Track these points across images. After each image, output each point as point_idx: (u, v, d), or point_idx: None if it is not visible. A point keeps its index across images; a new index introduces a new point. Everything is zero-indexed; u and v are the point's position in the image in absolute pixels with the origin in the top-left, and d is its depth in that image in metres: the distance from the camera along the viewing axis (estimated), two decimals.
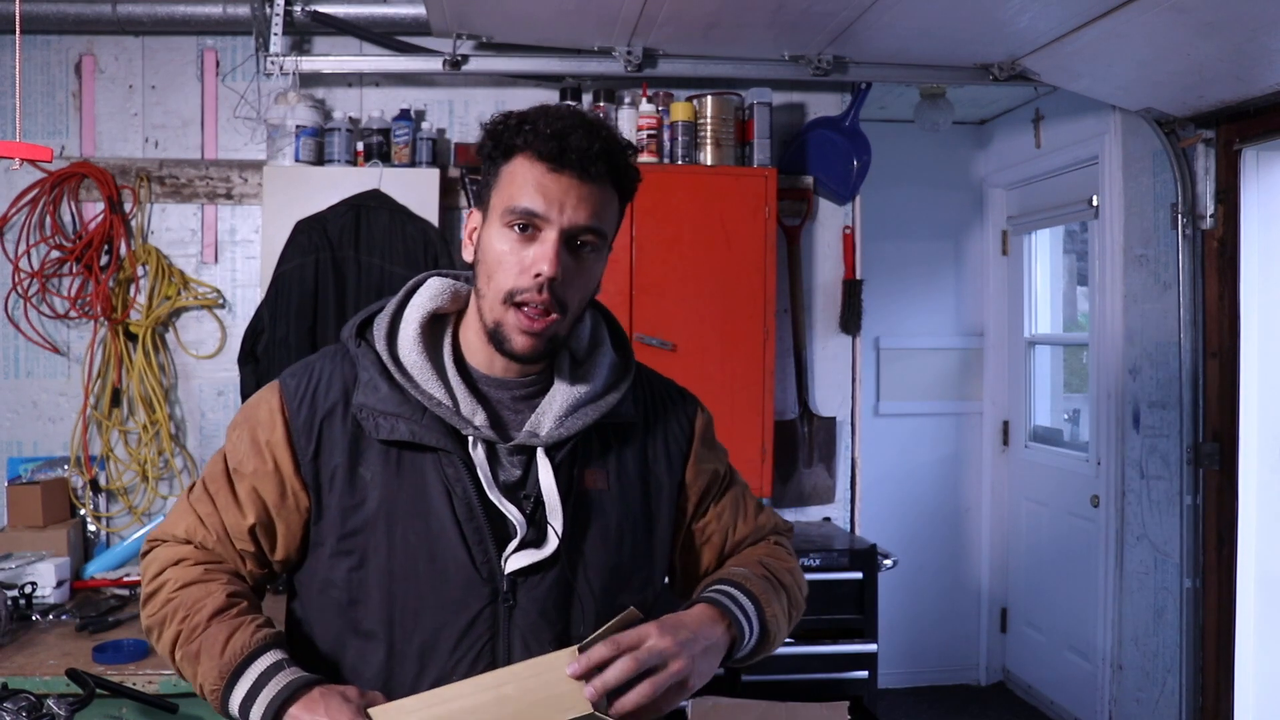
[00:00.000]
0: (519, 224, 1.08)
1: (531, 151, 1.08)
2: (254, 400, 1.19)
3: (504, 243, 1.09)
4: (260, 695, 1.04)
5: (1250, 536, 2.84)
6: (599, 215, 1.10)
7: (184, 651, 1.10)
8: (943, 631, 4.43)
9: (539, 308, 1.08)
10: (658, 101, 3.02)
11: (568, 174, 1.07)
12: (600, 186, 1.10)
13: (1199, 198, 2.92)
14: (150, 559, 1.19)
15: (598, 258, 1.13)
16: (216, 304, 3.02)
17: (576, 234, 1.09)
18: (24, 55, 2.96)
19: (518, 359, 1.13)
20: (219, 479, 1.17)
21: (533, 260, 1.07)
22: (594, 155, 1.07)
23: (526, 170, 1.08)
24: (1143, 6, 2.27)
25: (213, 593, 1.11)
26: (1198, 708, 2.96)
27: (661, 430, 1.25)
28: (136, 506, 2.97)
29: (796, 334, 3.25)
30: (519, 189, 1.08)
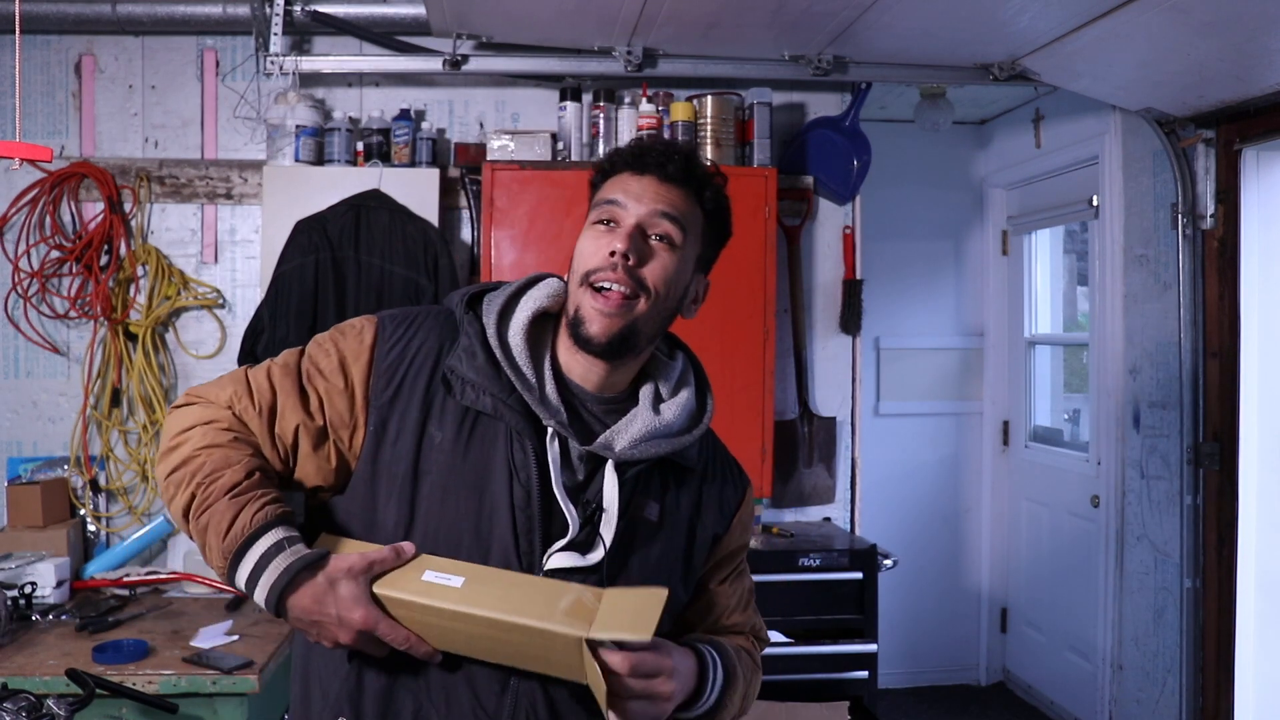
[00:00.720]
0: (602, 218, 1.16)
1: (620, 168, 1.20)
2: (347, 325, 1.20)
3: (589, 236, 1.17)
4: (261, 579, 1.03)
5: (1250, 536, 2.84)
6: (677, 209, 1.16)
7: (195, 523, 1.08)
8: (943, 631, 4.43)
9: (615, 287, 1.13)
10: (658, 101, 3.02)
11: (648, 175, 1.17)
12: (679, 188, 1.17)
13: (1199, 198, 2.92)
14: (180, 413, 1.15)
15: (675, 255, 1.17)
16: (216, 304, 3.02)
17: (650, 222, 1.15)
18: (24, 55, 2.96)
19: (594, 345, 1.15)
20: (290, 368, 1.16)
21: (608, 242, 1.14)
22: (670, 155, 1.17)
23: (615, 179, 1.19)
24: (1143, 6, 2.27)
25: (233, 464, 1.08)
26: (1198, 708, 2.96)
27: (716, 488, 1.28)
28: (136, 506, 2.97)
29: (796, 334, 3.25)
30: (604, 192, 1.19)
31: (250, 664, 2.15)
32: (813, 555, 2.83)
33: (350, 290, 2.76)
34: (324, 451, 1.15)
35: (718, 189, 1.21)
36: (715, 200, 1.21)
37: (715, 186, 1.21)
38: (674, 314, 1.21)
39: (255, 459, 1.11)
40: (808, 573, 2.82)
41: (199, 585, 2.72)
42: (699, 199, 1.19)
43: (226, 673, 2.11)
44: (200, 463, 1.09)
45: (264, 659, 2.18)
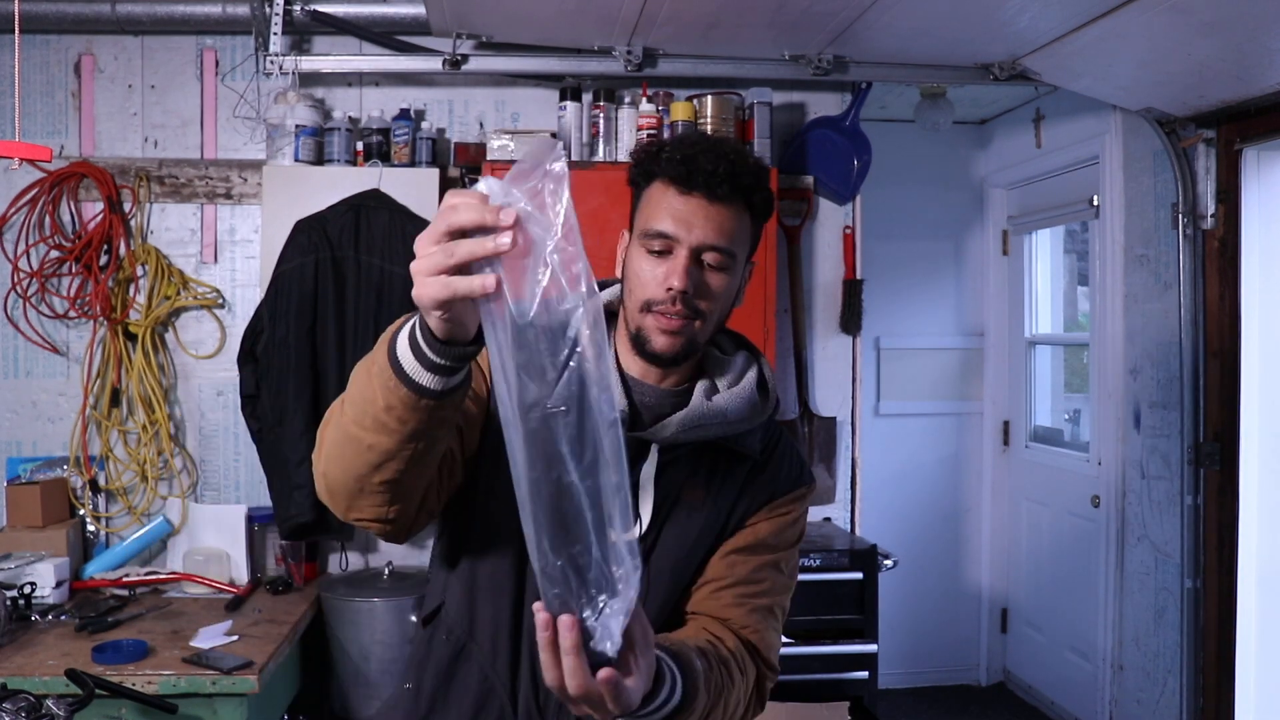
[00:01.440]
0: (655, 247, 1.17)
1: (665, 176, 1.17)
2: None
3: (642, 261, 1.18)
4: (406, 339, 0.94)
5: (1251, 536, 2.84)
6: (726, 234, 1.17)
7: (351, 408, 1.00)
8: (943, 632, 4.43)
9: (673, 316, 1.16)
10: (658, 101, 3.02)
11: (696, 195, 1.15)
12: (728, 206, 1.17)
13: (1200, 197, 2.92)
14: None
15: (727, 274, 1.18)
16: (216, 304, 3.02)
17: (703, 251, 1.16)
18: (23, 55, 2.95)
19: (659, 359, 1.19)
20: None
21: (665, 276, 1.16)
22: (720, 177, 1.15)
23: (661, 194, 1.18)
24: (1143, 6, 2.27)
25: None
26: (1198, 708, 2.95)
27: (768, 477, 1.29)
28: (136, 507, 2.97)
29: (796, 334, 3.25)
30: (654, 212, 1.18)
31: (250, 664, 2.15)
32: (813, 555, 2.82)
33: (350, 290, 2.76)
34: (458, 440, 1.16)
35: (764, 188, 1.21)
36: (764, 201, 1.21)
37: (762, 187, 1.20)
38: (729, 314, 1.25)
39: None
40: (808, 573, 2.81)
41: (199, 585, 2.72)
42: (749, 207, 1.20)
43: (226, 673, 2.11)
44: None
45: (264, 659, 2.18)
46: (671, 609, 1.24)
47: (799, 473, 1.33)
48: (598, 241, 2.82)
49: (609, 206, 2.83)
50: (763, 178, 1.20)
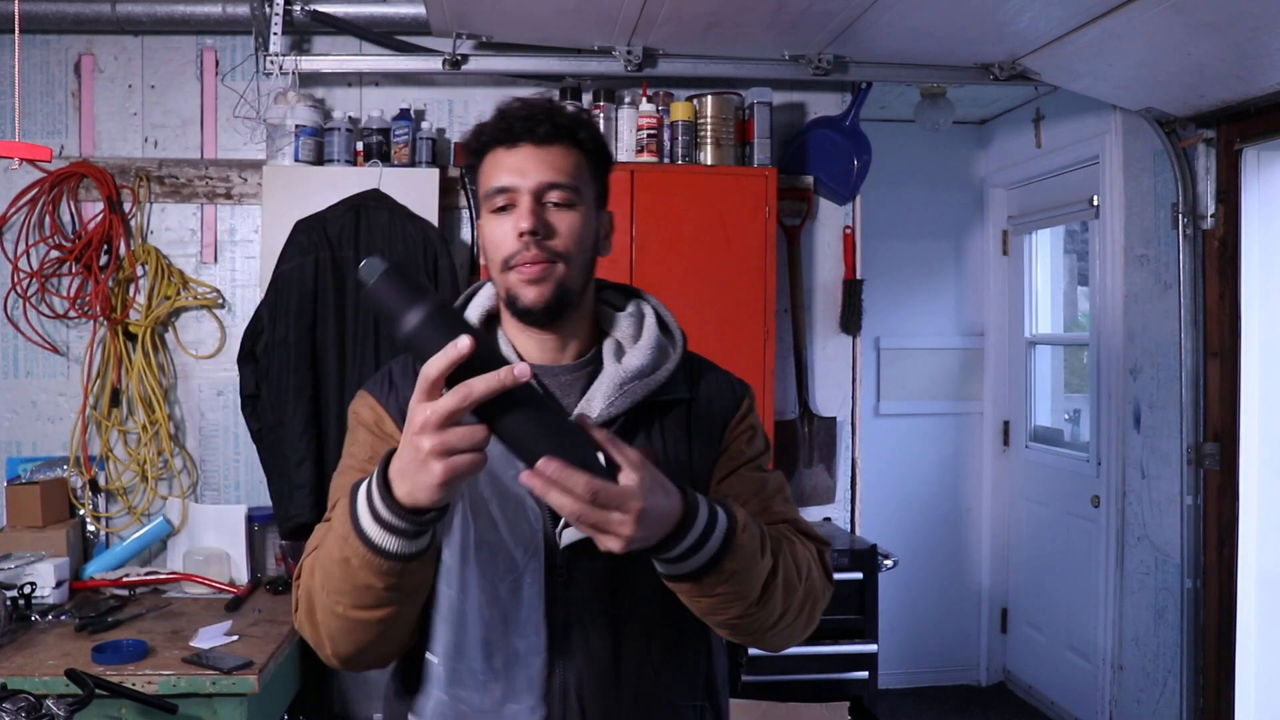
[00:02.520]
0: (499, 204, 1.17)
1: (493, 143, 1.19)
2: (351, 408, 1.25)
3: (491, 225, 1.18)
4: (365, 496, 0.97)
5: (1251, 537, 2.84)
6: (562, 171, 1.17)
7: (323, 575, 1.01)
8: (943, 632, 4.43)
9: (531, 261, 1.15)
10: (658, 101, 3.02)
11: (522, 145, 1.16)
12: (557, 146, 1.17)
13: (1200, 197, 2.92)
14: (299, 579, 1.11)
15: (574, 210, 1.18)
16: (216, 304, 3.02)
17: (544, 191, 1.16)
18: (23, 55, 2.95)
19: (532, 313, 1.17)
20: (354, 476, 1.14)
21: (514, 224, 1.15)
22: (537, 119, 1.16)
23: (493, 159, 1.18)
24: (1143, 6, 2.27)
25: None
26: (1198, 708, 2.95)
27: (706, 403, 1.27)
28: (136, 507, 2.97)
29: (796, 334, 3.25)
30: (489, 175, 1.18)
31: (250, 664, 2.15)
32: None
33: (350, 290, 2.76)
34: None
35: (589, 126, 1.21)
36: (592, 139, 1.21)
37: (586, 125, 1.21)
38: (593, 260, 1.23)
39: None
40: None
41: (198, 585, 2.72)
42: (577, 145, 1.19)
43: (226, 673, 2.11)
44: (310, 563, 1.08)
45: (263, 659, 2.18)
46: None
47: (733, 390, 1.31)
48: None
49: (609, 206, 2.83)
50: (583, 118, 1.20)
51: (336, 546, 0.98)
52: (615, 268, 2.81)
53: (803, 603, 1.14)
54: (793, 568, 1.11)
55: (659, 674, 1.17)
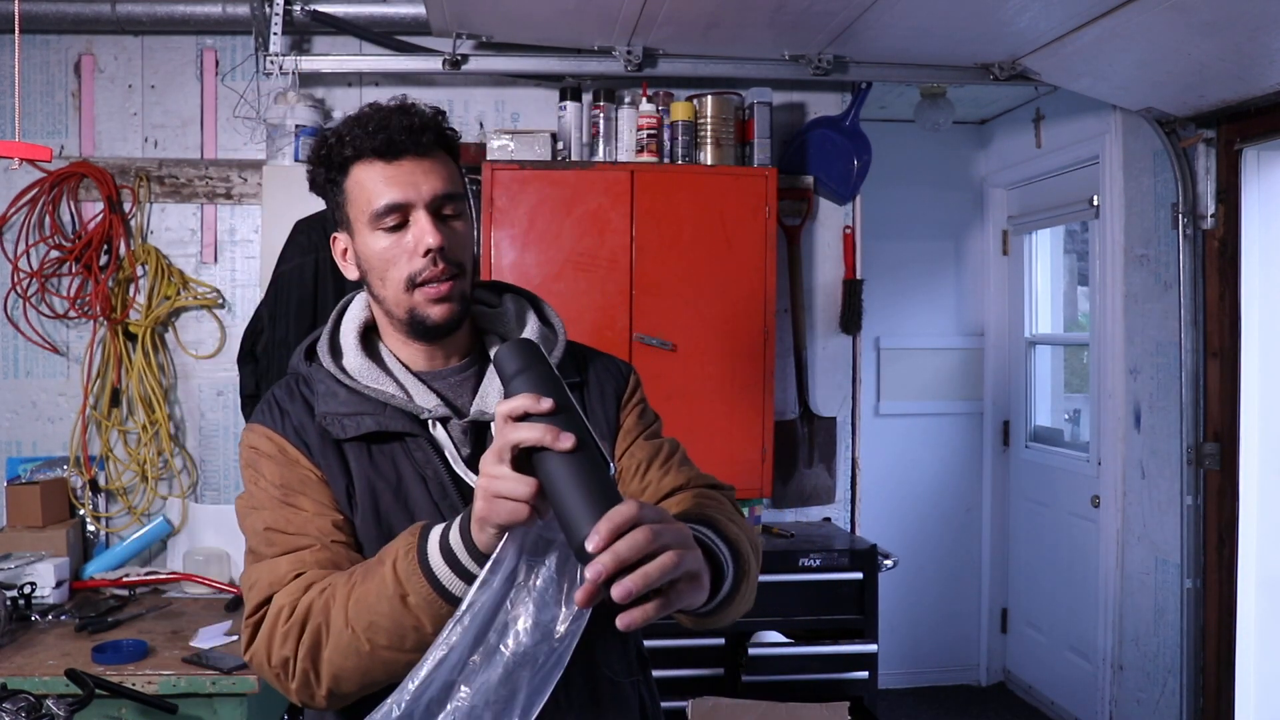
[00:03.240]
0: (390, 223, 1.14)
1: (364, 156, 1.14)
2: (245, 444, 1.21)
3: (382, 242, 1.15)
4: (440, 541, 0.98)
5: (1251, 537, 2.84)
6: (450, 180, 1.17)
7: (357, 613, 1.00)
8: (943, 632, 4.43)
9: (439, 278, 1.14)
10: (658, 101, 3.02)
11: (406, 158, 1.14)
12: (436, 155, 1.16)
13: (1200, 197, 2.92)
14: (266, 625, 1.08)
15: (465, 220, 1.19)
16: (216, 304, 3.02)
17: (439, 204, 1.15)
18: (23, 55, 2.95)
19: (439, 329, 1.18)
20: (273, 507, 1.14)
21: (415, 242, 1.14)
22: (419, 130, 1.14)
23: (368, 173, 1.14)
24: (1143, 6, 2.27)
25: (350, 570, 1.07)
26: (1198, 708, 2.95)
27: (598, 386, 1.29)
28: (136, 507, 2.97)
29: (796, 334, 3.25)
30: (373, 192, 1.14)
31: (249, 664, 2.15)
32: (813, 555, 2.82)
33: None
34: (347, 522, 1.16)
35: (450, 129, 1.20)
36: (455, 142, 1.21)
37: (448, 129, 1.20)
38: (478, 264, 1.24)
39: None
40: (808, 573, 2.82)
41: (198, 585, 2.72)
42: (450, 152, 1.19)
43: (226, 673, 2.11)
44: (330, 591, 1.05)
45: None
46: None
47: (620, 371, 1.33)
48: (597, 242, 2.83)
49: (609, 206, 2.83)
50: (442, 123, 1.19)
51: (393, 584, 0.98)
52: (615, 268, 2.81)
53: (755, 578, 1.15)
54: (748, 528, 1.15)
55: (598, 656, 1.19)
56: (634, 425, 1.29)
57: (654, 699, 1.29)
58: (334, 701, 1.07)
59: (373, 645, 1.00)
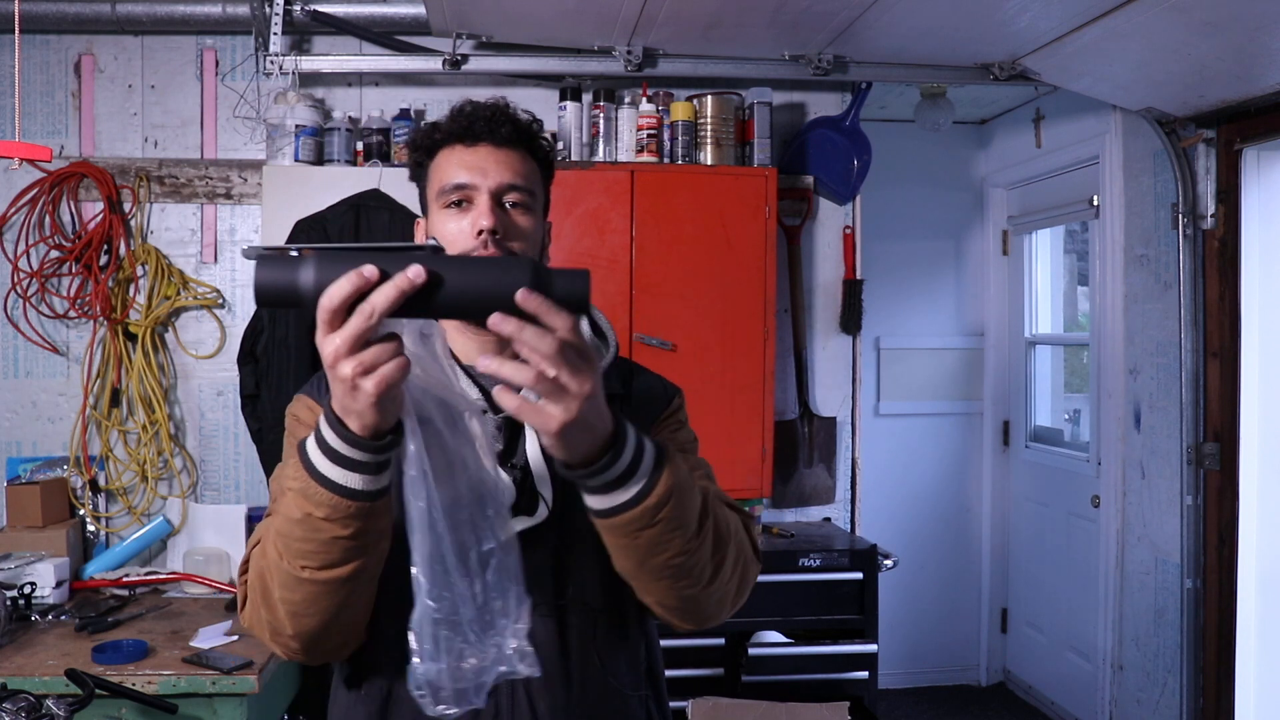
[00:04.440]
0: (453, 200, 1.17)
1: (449, 141, 1.19)
2: (289, 412, 1.23)
3: (445, 221, 1.18)
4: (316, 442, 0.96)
5: (1251, 537, 2.84)
6: (521, 174, 1.18)
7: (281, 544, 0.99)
8: (943, 632, 4.43)
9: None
10: (658, 101, 3.02)
11: (483, 145, 1.17)
12: (515, 151, 1.18)
13: (1200, 197, 2.92)
14: (244, 585, 1.11)
15: (531, 216, 1.19)
16: (216, 304, 3.02)
17: (503, 192, 1.16)
18: (23, 55, 2.95)
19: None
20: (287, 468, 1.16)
21: (472, 222, 1.15)
22: (499, 121, 1.17)
23: (449, 156, 1.19)
24: (1143, 6, 2.27)
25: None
26: (1198, 708, 2.95)
27: (640, 403, 1.28)
28: (136, 507, 2.97)
29: (796, 334, 3.25)
30: (445, 172, 1.18)
31: (250, 664, 2.15)
32: (813, 555, 2.82)
33: None
34: None
35: (541, 135, 1.23)
36: (545, 147, 1.23)
37: (539, 135, 1.23)
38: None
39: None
40: (808, 573, 2.82)
41: (198, 585, 2.72)
42: (532, 151, 1.21)
43: (226, 673, 2.11)
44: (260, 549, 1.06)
45: (263, 659, 2.18)
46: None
47: (664, 390, 1.31)
48: (597, 242, 2.83)
49: (609, 206, 2.83)
50: (534, 128, 1.22)
51: (296, 506, 0.96)
52: (615, 268, 2.81)
53: (736, 559, 1.10)
54: (721, 516, 1.10)
55: (604, 663, 1.18)
56: (664, 440, 1.26)
57: (664, 716, 1.28)
58: (311, 647, 1.06)
59: (309, 571, 0.99)
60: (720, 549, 1.07)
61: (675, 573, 1.04)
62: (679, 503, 0.99)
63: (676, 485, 0.98)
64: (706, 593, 1.08)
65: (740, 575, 1.13)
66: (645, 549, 1.01)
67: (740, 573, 1.13)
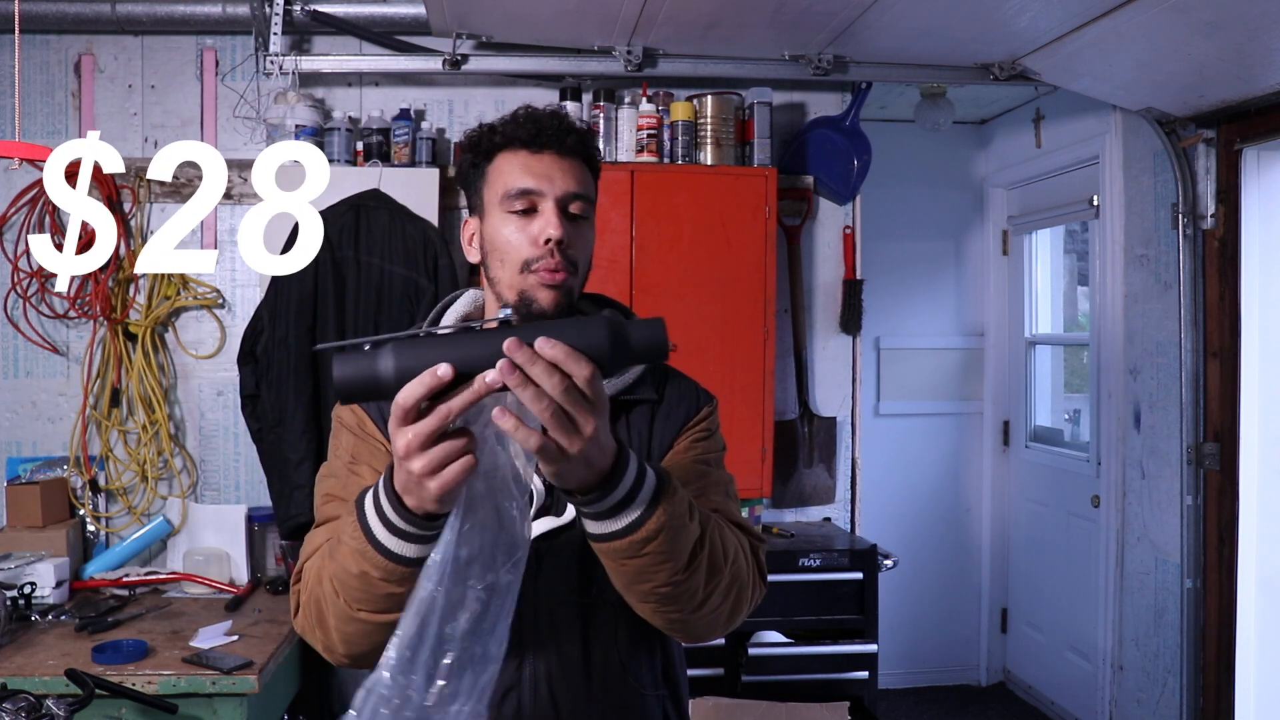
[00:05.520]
0: (519, 206, 1.17)
1: (511, 145, 1.19)
2: (335, 414, 1.27)
3: (509, 226, 1.18)
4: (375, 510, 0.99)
5: (1251, 537, 2.84)
6: (583, 183, 1.20)
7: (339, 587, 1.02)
8: (943, 632, 4.43)
9: (555, 268, 1.16)
10: (658, 101, 3.02)
11: (548, 152, 1.18)
12: (576, 160, 1.20)
13: (1200, 197, 2.92)
14: (298, 596, 1.14)
15: (589, 224, 1.22)
16: (216, 304, 3.02)
17: (568, 201, 1.18)
18: (23, 55, 2.95)
19: (544, 318, 1.18)
20: (341, 475, 1.19)
21: (540, 230, 1.16)
22: (566, 131, 1.19)
23: (511, 160, 1.19)
24: (1143, 6, 2.27)
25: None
26: (1198, 708, 2.95)
27: (674, 411, 1.29)
28: (136, 507, 2.97)
29: (796, 334, 3.25)
30: (510, 176, 1.18)
31: (250, 664, 2.15)
32: (813, 555, 2.82)
33: (350, 290, 2.76)
34: None
35: (597, 148, 1.26)
36: (597, 161, 1.25)
37: (596, 148, 1.25)
38: (589, 272, 1.26)
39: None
40: (808, 573, 2.82)
41: (198, 585, 2.72)
42: (589, 164, 1.23)
43: (226, 673, 2.11)
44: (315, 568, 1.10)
45: (264, 659, 2.18)
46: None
47: (698, 396, 1.32)
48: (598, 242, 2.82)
49: (609, 207, 2.83)
50: (593, 141, 1.25)
51: (353, 562, 0.99)
52: (615, 268, 2.81)
53: (729, 586, 1.11)
54: (719, 545, 1.10)
55: (625, 662, 1.20)
56: (686, 449, 1.27)
57: (681, 717, 1.29)
58: (361, 661, 1.09)
59: (365, 614, 1.02)
60: (714, 579, 1.08)
61: (660, 599, 1.06)
62: (669, 539, 1.00)
63: (669, 523, 1.00)
64: (694, 618, 1.10)
65: (734, 602, 1.14)
66: (632, 575, 1.04)
67: (734, 599, 1.14)
